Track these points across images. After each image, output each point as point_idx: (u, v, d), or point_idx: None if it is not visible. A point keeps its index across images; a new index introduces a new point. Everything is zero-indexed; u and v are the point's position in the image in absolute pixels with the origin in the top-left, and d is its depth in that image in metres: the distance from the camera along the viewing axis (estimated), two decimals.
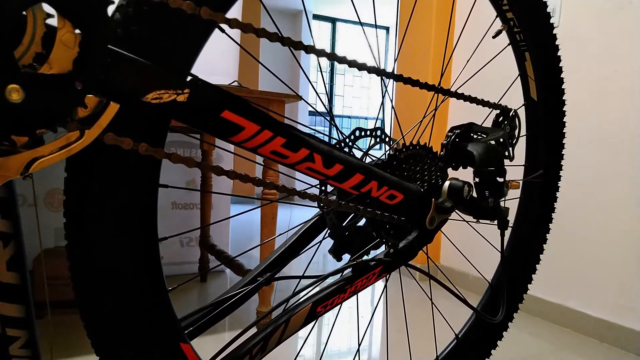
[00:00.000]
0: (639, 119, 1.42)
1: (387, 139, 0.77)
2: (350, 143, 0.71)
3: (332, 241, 0.71)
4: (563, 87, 0.95)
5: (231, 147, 1.95)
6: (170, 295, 0.54)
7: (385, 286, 0.87)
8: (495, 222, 0.78)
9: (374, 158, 0.73)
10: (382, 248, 0.73)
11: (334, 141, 0.69)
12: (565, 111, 0.96)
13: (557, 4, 1.63)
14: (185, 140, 2.09)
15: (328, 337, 1.48)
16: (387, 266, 0.70)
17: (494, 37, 0.88)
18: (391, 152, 0.70)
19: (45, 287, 1.44)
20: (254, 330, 0.63)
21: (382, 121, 5.27)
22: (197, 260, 2.09)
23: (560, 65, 0.93)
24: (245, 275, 0.78)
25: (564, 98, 0.95)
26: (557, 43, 0.91)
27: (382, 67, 0.63)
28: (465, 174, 0.78)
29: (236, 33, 2.07)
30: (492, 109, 0.84)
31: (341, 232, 0.70)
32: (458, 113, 2.04)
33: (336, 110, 6.07)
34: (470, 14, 1.54)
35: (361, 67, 0.60)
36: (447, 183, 0.72)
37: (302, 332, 1.40)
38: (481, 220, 0.76)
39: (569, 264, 1.61)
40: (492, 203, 0.74)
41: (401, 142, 0.73)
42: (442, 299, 1.03)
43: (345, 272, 0.69)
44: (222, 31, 0.52)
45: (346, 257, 0.71)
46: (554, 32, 0.90)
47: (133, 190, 0.49)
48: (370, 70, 0.61)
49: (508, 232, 0.97)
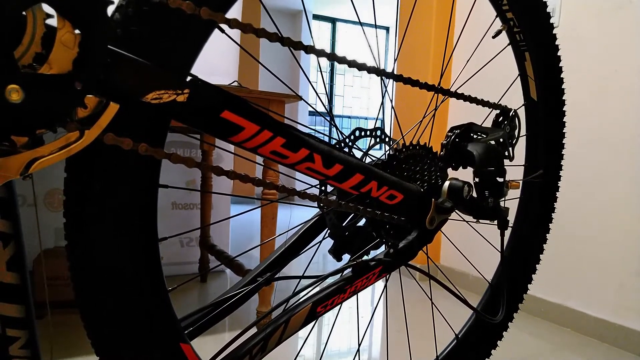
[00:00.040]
0: (639, 119, 1.42)
1: (387, 139, 0.77)
2: (350, 143, 0.71)
3: (332, 241, 0.71)
4: (563, 87, 0.95)
5: (231, 148, 1.95)
6: (170, 295, 0.54)
7: (385, 286, 0.87)
8: (495, 222, 0.78)
9: (374, 158, 0.73)
10: (382, 248, 0.73)
11: (334, 141, 0.69)
12: (565, 111, 0.96)
13: (557, 3, 1.63)
14: (185, 141, 2.09)
15: (328, 337, 1.48)
16: (387, 266, 0.70)
17: (493, 37, 0.88)
18: (391, 152, 0.70)
19: (45, 287, 1.44)
20: (254, 330, 0.63)
21: (382, 121, 5.27)
22: (197, 261, 2.09)
23: (560, 65, 0.93)
24: (245, 275, 0.78)
25: (563, 98, 0.95)
26: (557, 43, 0.91)
27: (382, 67, 0.63)
28: (465, 174, 0.78)
29: (236, 33, 2.07)
30: (492, 109, 0.84)
31: (341, 232, 0.70)
32: (458, 113, 2.04)
33: (336, 111, 6.07)
34: (470, 14, 1.54)
35: (361, 67, 0.60)
36: (447, 183, 0.72)
37: (302, 332, 1.40)
38: (481, 220, 0.76)
39: (569, 264, 1.61)
40: (492, 203, 0.74)
41: (401, 142, 0.73)
42: (442, 299, 1.03)
43: (345, 272, 0.69)
44: (222, 31, 0.52)
45: (346, 257, 0.71)
46: (554, 32, 0.90)
47: (133, 190, 0.49)
48: (370, 70, 0.61)
49: (508, 232, 0.97)
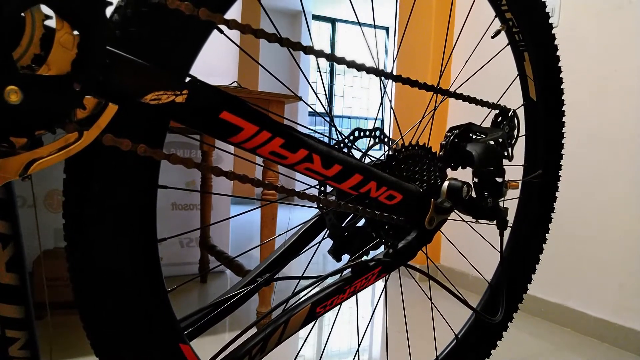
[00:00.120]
0: (639, 119, 1.42)
1: (386, 140, 0.77)
2: (350, 143, 0.71)
3: (332, 241, 0.71)
4: (562, 87, 0.95)
5: (231, 148, 1.95)
6: (170, 296, 0.54)
7: (385, 286, 0.87)
8: (495, 222, 0.78)
9: (373, 158, 0.73)
10: (382, 248, 0.73)
11: (333, 142, 0.69)
12: (564, 111, 0.96)
13: (556, 3, 1.63)
14: (184, 141, 2.09)
15: (328, 337, 1.48)
16: (386, 266, 0.70)
17: (493, 37, 0.88)
18: (390, 153, 0.70)
19: (45, 288, 1.44)
20: (253, 330, 0.63)
21: (382, 121, 5.27)
22: (197, 261, 2.09)
23: (559, 65, 0.93)
24: (245, 275, 0.78)
25: (563, 98, 0.95)
26: (556, 43, 0.91)
27: (382, 67, 0.63)
28: (465, 174, 0.78)
29: (235, 34, 2.07)
30: (491, 109, 0.84)
31: (340, 233, 0.71)
32: (457, 113, 2.04)
33: (336, 111, 6.07)
34: (469, 14, 1.54)
35: (360, 67, 0.60)
36: (446, 183, 0.72)
37: (302, 332, 1.40)
38: (480, 221, 0.76)
39: (569, 264, 1.61)
40: (491, 203, 0.74)
41: (400, 143, 0.73)
42: (442, 299, 1.03)
43: (344, 273, 0.69)
44: (221, 32, 0.52)
45: (345, 257, 0.71)
46: (553, 32, 0.90)
47: (132, 191, 0.49)
48: (369, 70, 0.61)
49: (507, 232, 0.97)
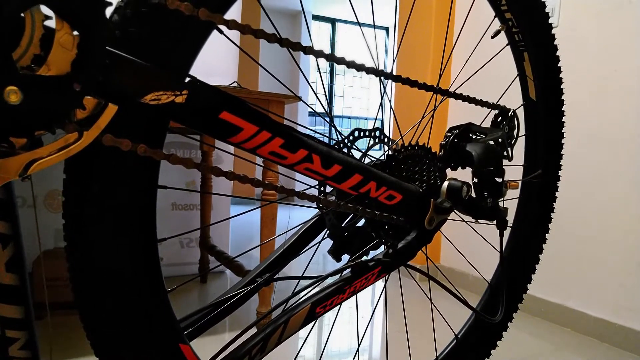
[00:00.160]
0: (639, 119, 1.42)
1: (386, 140, 0.77)
2: (350, 143, 0.71)
3: (331, 242, 0.71)
4: (562, 87, 0.95)
5: (231, 148, 1.95)
6: (170, 296, 0.54)
7: (385, 286, 0.87)
8: (494, 222, 0.78)
9: (373, 158, 0.73)
10: (382, 248, 0.73)
11: (333, 142, 0.69)
12: (564, 111, 0.96)
13: (556, 3, 1.63)
14: (184, 141, 2.09)
15: (328, 337, 1.48)
16: (386, 266, 0.70)
17: (492, 37, 0.88)
18: (390, 153, 0.70)
19: (45, 289, 1.44)
20: (253, 330, 0.63)
21: (382, 121, 5.27)
22: (197, 261, 2.09)
23: (559, 65, 0.93)
24: (245, 275, 0.78)
25: (563, 98, 0.95)
26: (556, 43, 0.91)
27: (381, 67, 0.63)
28: (464, 175, 0.78)
29: (235, 34, 2.07)
30: (491, 109, 0.84)
31: (340, 233, 0.71)
32: (457, 113, 2.04)
33: (336, 111, 6.07)
34: (469, 14, 1.54)
35: (360, 67, 0.60)
36: (445, 183, 0.72)
37: (302, 332, 1.40)
38: (480, 221, 0.76)
39: (569, 264, 1.61)
40: (491, 203, 0.74)
41: (400, 143, 0.73)
42: (442, 299, 1.03)
43: (344, 273, 0.69)
44: (221, 32, 0.52)
45: (345, 257, 0.71)
46: (553, 32, 0.90)
47: (132, 191, 0.49)
48: (369, 70, 0.61)
49: (507, 232, 0.97)
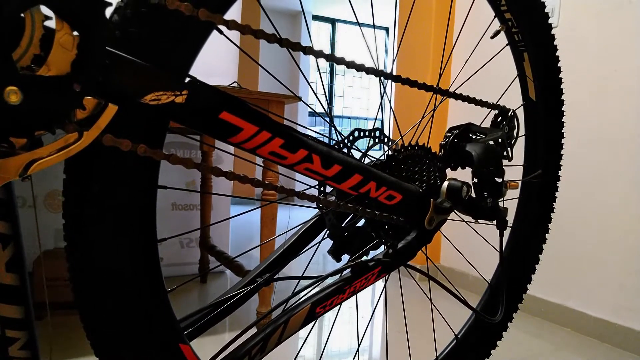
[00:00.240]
0: (639, 119, 1.42)
1: (385, 140, 0.77)
2: (349, 144, 0.71)
3: (331, 242, 0.71)
4: (562, 87, 0.95)
5: (231, 149, 1.95)
6: (170, 296, 0.54)
7: (385, 286, 0.87)
8: (494, 222, 0.78)
9: (373, 159, 0.73)
10: (382, 248, 0.73)
11: (333, 142, 0.69)
12: (564, 111, 0.96)
13: (556, 4, 1.63)
14: (184, 141, 2.09)
15: (328, 337, 1.48)
16: (386, 267, 0.70)
17: (492, 38, 0.88)
18: (390, 153, 0.70)
19: (45, 289, 1.44)
20: (253, 330, 0.63)
21: (382, 122, 5.27)
22: (197, 261, 2.09)
23: (559, 65, 0.93)
24: (245, 276, 0.78)
25: (562, 98, 0.95)
26: (555, 43, 0.91)
27: (381, 67, 0.63)
28: (464, 175, 0.79)
29: (235, 34, 2.07)
30: (490, 109, 0.84)
31: (340, 233, 0.71)
32: (457, 113, 2.04)
33: (336, 111, 6.07)
34: (468, 14, 1.54)
35: (359, 67, 0.60)
36: (445, 183, 0.72)
37: (302, 332, 1.40)
38: (480, 221, 0.76)
39: (569, 264, 1.61)
40: (490, 203, 0.74)
41: (400, 143, 0.73)
42: (442, 300, 1.03)
43: (344, 273, 0.69)
44: (221, 32, 0.52)
45: (345, 257, 0.71)
46: (553, 32, 0.90)
47: (132, 191, 0.49)
48: (369, 71, 0.61)
49: (507, 232, 0.97)
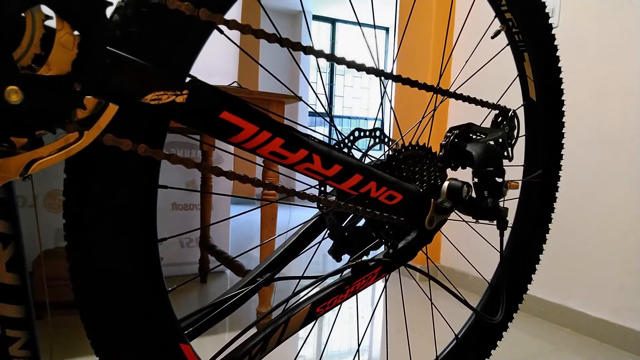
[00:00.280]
0: (639, 119, 1.42)
1: (386, 140, 0.77)
2: (350, 144, 0.71)
3: (332, 241, 0.71)
4: (562, 87, 0.95)
5: (231, 148, 1.95)
6: (170, 295, 0.54)
7: (385, 286, 0.87)
8: (495, 222, 0.78)
9: (373, 159, 0.73)
10: (382, 248, 0.73)
11: (333, 142, 0.69)
12: (564, 111, 0.96)
13: (556, 4, 1.63)
14: (184, 141, 2.09)
15: (328, 337, 1.48)
16: (386, 266, 0.70)
17: (492, 38, 0.88)
18: (390, 153, 0.70)
19: (45, 288, 1.44)
20: (253, 330, 0.63)
21: (382, 122, 5.27)
22: (197, 261, 2.09)
23: (559, 65, 0.93)
24: (245, 275, 0.78)
25: (563, 98, 0.95)
26: (556, 43, 0.91)
27: (382, 67, 0.63)
28: (465, 175, 0.79)
29: (235, 34, 2.07)
30: (491, 109, 0.84)
31: (340, 233, 0.71)
32: (457, 113, 2.04)
33: (336, 111, 6.07)
34: (469, 14, 1.54)
35: (360, 67, 0.60)
36: (446, 183, 0.72)
37: (302, 332, 1.40)
38: (480, 221, 0.76)
39: (569, 264, 1.61)
40: (491, 203, 0.74)
41: (400, 143, 0.73)
42: (442, 299, 1.03)
43: (344, 273, 0.69)
44: (221, 32, 0.52)
45: (346, 257, 0.71)
46: (553, 32, 0.90)
47: (132, 191, 0.49)
48: (369, 70, 0.61)
49: (507, 232, 0.97)
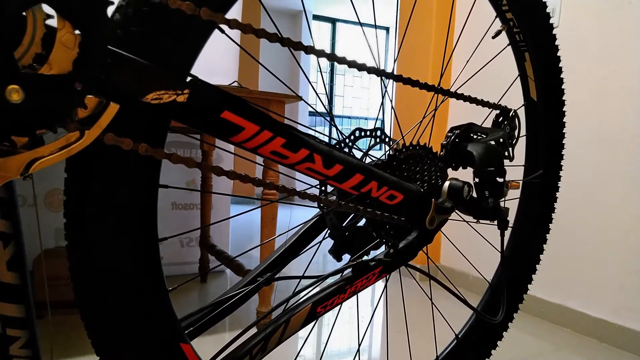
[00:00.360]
0: (639, 119, 1.42)
1: (387, 140, 0.77)
2: (350, 143, 0.71)
3: (332, 241, 0.71)
4: (563, 87, 0.95)
5: (231, 148, 1.95)
6: (170, 295, 0.54)
7: (385, 286, 0.87)
8: (495, 222, 0.78)
9: (374, 158, 0.73)
10: (382, 248, 0.73)
11: (334, 142, 0.69)
12: (565, 111, 0.96)
13: (556, 4, 1.63)
14: (185, 141, 2.09)
15: (328, 337, 1.48)
16: (387, 266, 0.70)
17: (493, 38, 0.88)
18: (391, 153, 0.70)
19: (46, 287, 1.44)
20: (254, 330, 0.63)
21: (382, 121, 5.27)
22: (197, 261, 2.09)
23: (559, 65, 0.93)
24: (245, 275, 0.78)
25: (563, 98, 0.95)
26: (556, 43, 0.91)
27: (382, 67, 0.63)
28: (465, 175, 0.78)
29: (236, 33, 2.07)
30: (491, 109, 0.84)
31: (341, 233, 0.71)
32: (458, 113, 2.04)
33: (336, 111, 6.07)
34: (470, 14, 1.54)
35: (361, 67, 0.60)
36: (447, 183, 0.72)
37: (302, 332, 1.40)
38: (481, 221, 0.76)
39: (569, 264, 1.61)
40: (492, 203, 0.74)
41: (401, 143, 0.73)
42: (442, 299, 1.03)
43: (345, 273, 0.69)
44: (222, 32, 0.52)
45: (346, 257, 0.71)
46: (554, 32, 0.90)
47: (133, 190, 0.49)
48: (370, 70, 0.61)
49: (508, 232, 0.97)
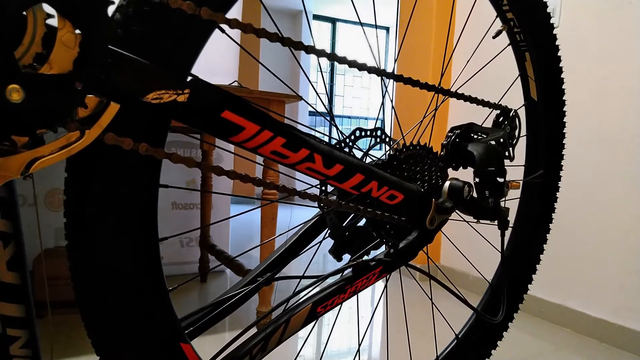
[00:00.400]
0: (639, 119, 1.42)
1: (387, 139, 0.77)
2: (351, 143, 0.71)
3: (332, 241, 0.71)
4: (563, 87, 0.95)
5: (231, 147, 1.95)
6: (170, 295, 0.54)
7: (386, 286, 0.87)
8: (496, 222, 0.78)
9: (374, 158, 0.73)
10: (383, 248, 0.73)
11: (334, 141, 0.69)
12: (565, 111, 0.96)
13: (557, 4, 1.63)
14: (185, 140, 2.09)
15: (328, 337, 1.48)
16: (387, 266, 0.70)
17: (494, 38, 0.88)
18: (391, 153, 0.70)
19: (46, 287, 1.44)
20: (254, 330, 0.63)
21: (382, 121, 5.27)
22: (197, 261, 2.09)
23: (560, 65, 0.93)
24: (245, 275, 0.78)
25: (564, 98, 0.95)
26: (557, 43, 0.91)
27: (382, 67, 0.63)
28: (466, 174, 0.78)
29: (236, 33, 2.07)
30: (492, 109, 0.84)
31: (341, 232, 0.70)
32: (458, 113, 2.04)
33: (336, 111, 6.07)
34: (470, 14, 1.54)
35: (361, 67, 0.60)
36: (447, 183, 0.72)
37: (302, 332, 1.40)
38: (481, 221, 0.76)
39: (569, 264, 1.61)
40: (492, 203, 0.74)
41: (401, 142, 0.73)
42: (443, 299, 1.03)
43: (345, 272, 0.69)
44: (222, 31, 0.52)
45: (346, 257, 0.71)
46: (554, 32, 0.90)
47: (133, 190, 0.49)
48: (370, 70, 0.61)
49: (508, 232, 0.97)
